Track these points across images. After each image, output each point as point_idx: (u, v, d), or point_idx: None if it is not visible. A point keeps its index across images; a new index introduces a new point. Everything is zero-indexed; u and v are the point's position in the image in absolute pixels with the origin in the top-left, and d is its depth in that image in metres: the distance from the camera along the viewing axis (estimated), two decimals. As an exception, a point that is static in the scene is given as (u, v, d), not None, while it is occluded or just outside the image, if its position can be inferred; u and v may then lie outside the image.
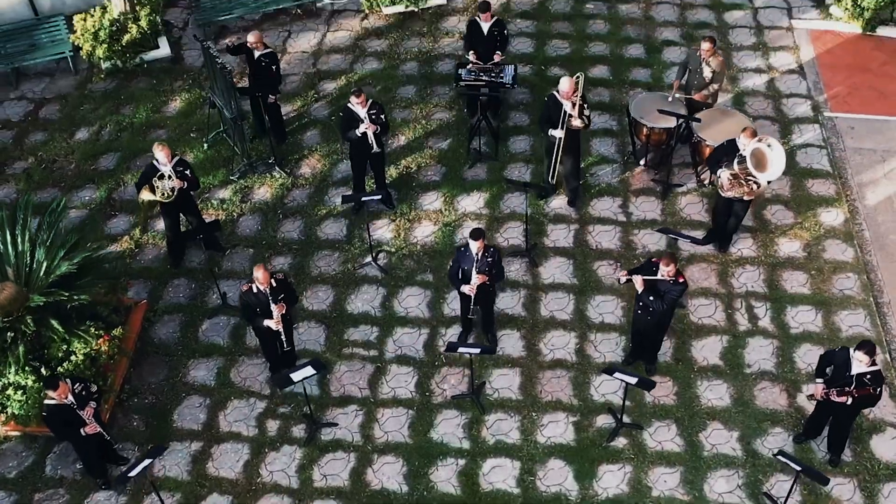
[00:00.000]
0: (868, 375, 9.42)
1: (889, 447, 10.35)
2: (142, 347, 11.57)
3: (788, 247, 12.31)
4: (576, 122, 11.86)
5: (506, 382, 11.06)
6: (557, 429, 10.62)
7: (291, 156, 13.76)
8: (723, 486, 10.09)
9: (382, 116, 12.10)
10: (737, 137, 11.35)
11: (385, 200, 12.77)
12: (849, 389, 9.45)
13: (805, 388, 10.82)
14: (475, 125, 13.36)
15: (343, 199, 12.41)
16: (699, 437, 10.50)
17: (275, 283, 10.28)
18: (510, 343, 11.42)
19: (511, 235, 12.55)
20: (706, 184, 13.00)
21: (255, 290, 10.25)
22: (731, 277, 11.99)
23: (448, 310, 11.77)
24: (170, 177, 11.46)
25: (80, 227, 11.32)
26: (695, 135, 12.62)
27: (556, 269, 12.17)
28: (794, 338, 11.36)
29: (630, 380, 9.93)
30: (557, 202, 12.94)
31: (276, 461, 10.49)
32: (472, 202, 13.01)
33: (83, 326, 10.48)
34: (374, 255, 12.32)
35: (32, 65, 15.29)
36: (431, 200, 13.06)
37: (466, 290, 10.59)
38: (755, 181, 11.26)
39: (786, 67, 14.89)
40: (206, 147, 13.83)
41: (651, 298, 10.16)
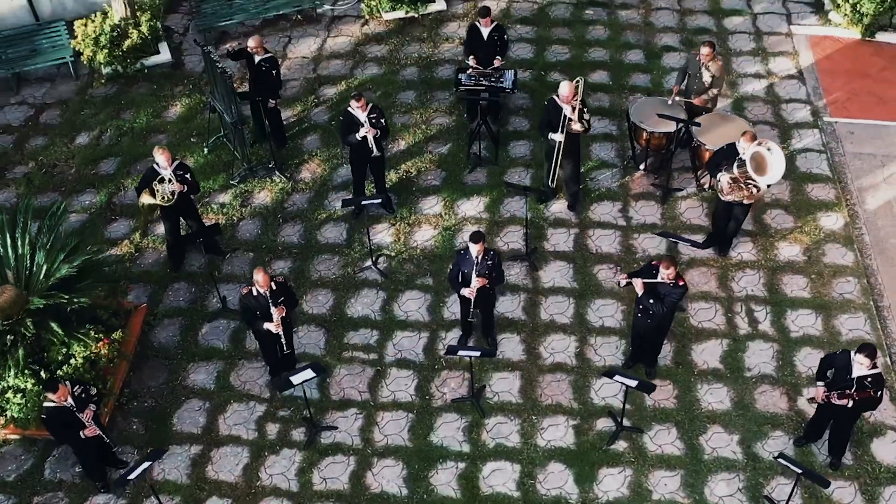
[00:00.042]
0: (869, 378, 9.41)
1: (890, 450, 10.33)
2: (142, 351, 11.55)
3: (788, 251, 12.31)
4: (576, 126, 11.86)
5: (506, 386, 11.05)
6: (557, 432, 10.61)
7: (291, 160, 13.77)
8: (723, 490, 10.08)
9: (382, 120, 12.11)
10: (736, 141, 11.36)
11: (385, 204, 12.78)
12: (849, 392, 9.43)
13: (805, 392, 10.81)
14: (475, 130, 13.37)
15: (343, 203, 12.43)
16: (699, 441, 10.48)
17: (275, 286, 10.27)
18: (510, 347, 11.41)
19: (511, 239, 12.55)
20: (706, 188, 13.01)
21: (255, 293, 10.25)
22: (731, 281, 11.99)
23: (448, 313, 11.77)
24: (170, 180, 11.46)
25: (81, 231, 11.33)
26: (694, 139, 12.63)
27: (556, 273, 12.16)
28: (795, 341, 11.35)
29: (630, 383, 9.91)
30: (557, 206, 12.95)
31: (276, 464, 10.47)
32: (472, 206, 13.01)
33: (83, 329, 10.48)
34: (374, 259, 12.32)
35: (33, 70, 15.31)
36: (431, 205, 13.07)
37: (466, 294, 10.59)
38: (755, 185, 11.27)
39: (785, 73, 14.90)
40: (207, 152, 13.84)
41: (651, 301, 10.15)
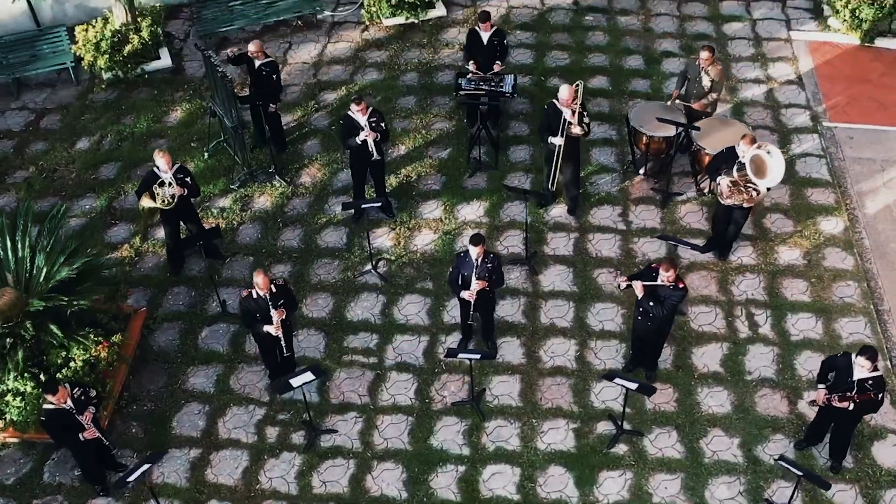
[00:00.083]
0: (870, 381, 9.39)
1: (891, 454, 10.32)
2: (141, 355, 11.54)
3: (788, 255, 12.31)
4: (575, 130, 11.88)
5: (506, 389, 11.03)
6: (558, 435, 10.58)
7: (292, 165, 13.77)
8: (724, 493, 10.05)
9: (382, 124, 12.11)
10: (736, 145, 11.37)
11: (385, 208, 12.78)
12: (850, 395, 9.42)
13: (806, 395, 10.80)
14: (475, 135, 13.38)
15: (343, 207, 12.43)
16: (700, 444, 10.46)
17: (274, 289, 10.26)
18: (510, 350, 11.40)
19: (511, 244, 12.55)
20: (706, 192, 13.01)
21: (255, 296, 10.24)
22: (731, 285, 11.98)
23: (448, 317, 11.75)
24: (170, 184, 11.46)
25: (81, 234, 11.29)
26: (694, 143, 12.65)
27: (556, 277, 12.16)
28: (795, 345, 11.34)
29: (630, 385, 9.89)
30: (557, 211, 12.95)
31: (276, 468, 10.44)
32: (472, 211, 13.01)
33: (82, 332, 10.46)
34: (374, 263, 12.31)
35: (34, 75, 15.30)
36: (431, 209, 13.07)
37: (466, 296, 10.58)
38: (755, 188, 11.27)
39: (784, 78, 14.93)
40: (207, 156, 13.85)
41: (651, 304, 10.13)
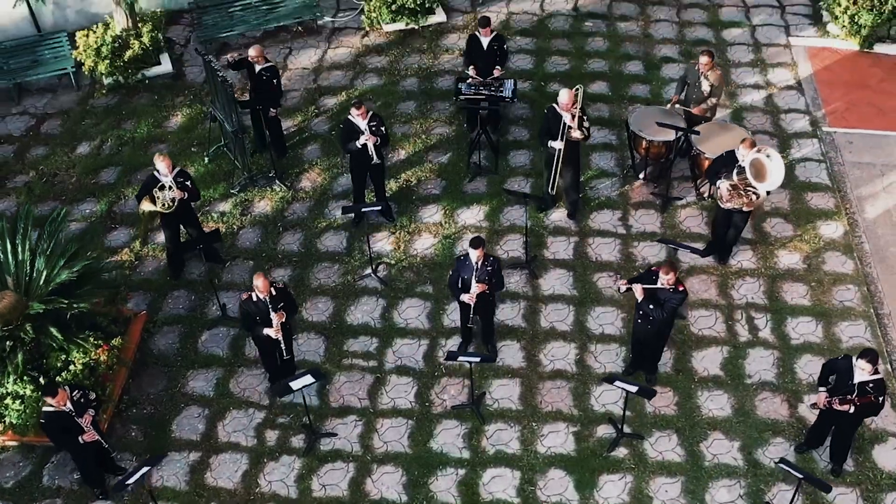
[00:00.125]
0: (870, 384, 9.38)
1: (891, 457, 10.30)
2: (141, 358, 11.53)
3: (788, 259, 12.31)
4: (575, 134, 11.89)
5: (506, 393, 11.02)
6: (558, 439, 10.57)
7: (292, 170, 13.79)
8: (724, 496, 10.03)
9: (382, 128, 12.13)
10: (736, 148, 11.38)
11: (385, 213, 12.79)
12: (851, 398, 9.41)
13: (806, 399, 10.79)
14: (475, 139, 13.40)
15: (343, 210, 12.45)
16: (700, 447, 10.44)
17: (274, 292, 10.26)
18: (510, 354, 11.39)
19: (511, 248, 12.55)
20: (705, 197, 13.03)
21: (255, 299, 10.24)
22: (731, 289, 11.98)
23: (448, 321, 11.75)
24: (170, 187, 11.47)
25: (81, 237, 11.31)
26: (694, 148, 12.66)
27: (556, 281, 12.16)
28: (795, 348, 11.33)
29: (630, 388, 9.87)
30: (557, 215, 12.96)
31: (275, 471, 10.43)
32: (472, 215, 13.02)
33: (82, 335, 10.45)
34: (374, 267, 12.31)
35: (35, 80, 15.35)
36: (431, 213, 13.07)
37: (466, 299, 10.57)
38: (754, 192, 11.28)
39: (784, 83, 14.96)
40: (207, 161, 13.86)
41: (651, 307, 10.13)
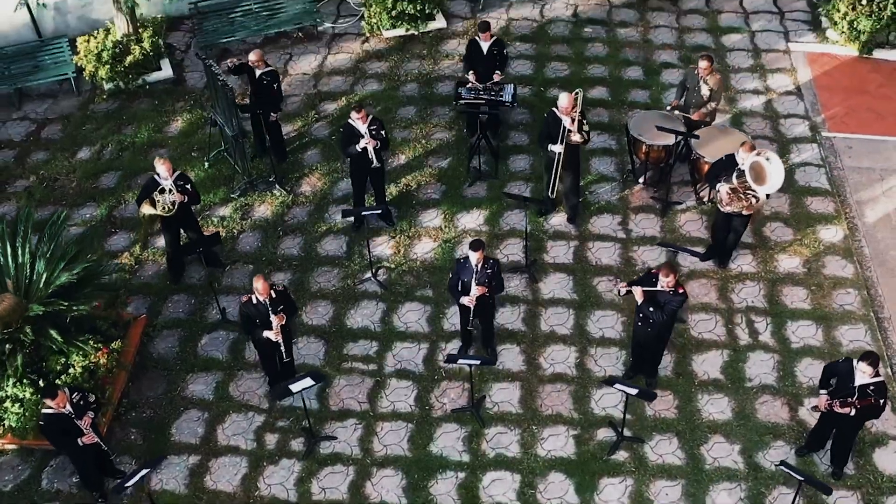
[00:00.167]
0: (871, 386, 9.37)
1: (892, 460, 10.28)
2: (140, 362, 11.52)
3: (788, 263, 12.31)
4: (575, 138, 11.91)
5: (506, 396, 11.00)
6: (558, 442, 10.55)
7: (292, 174, 13.79)
8: (725, 499, 10.00)
9: (382, 132, 12.15)
10: (735, 152, 11.39)
11: (385, 217, 12.80)
12: (852, 400, 9.39)
13: (806, 402, 10.77)
14: (475, 144, 13.41)
15: (343, 214, 12.45)
16: (700, 451, 10.42)
17: (274, 294, 10.26)
18: (510, 357, 11.38)
19: (511, 252, 12.55)
20: (705, 201, 13.03)
21: (255, 301, 10.23)
22: (731, 293, 11.98)
23: (448, 325, 11.74)
24: (170, 191, 11.47)
25: (81, 240, 11.31)
26: (693, 152, 12.68)
27: (556, 285, 12.15)
28: (795, 352, 11.32)
29: (631, 391, 9.86)
30: (557, 219, 12.96)
31: (275, 475, 10.40)
32: (472, 219, 13.03)
33: (82, 338, 10.44)
34: (374, 271, 12.31)
35: (35, 86, 15.35)
36: (431, 217, 13.08)
37: (466, 302, 10.57)
38: (754, 195, 11.29)
39: (783, 89, 14.98)
40: (208, 165, 13.87)
41: (651, 310, 10.13)
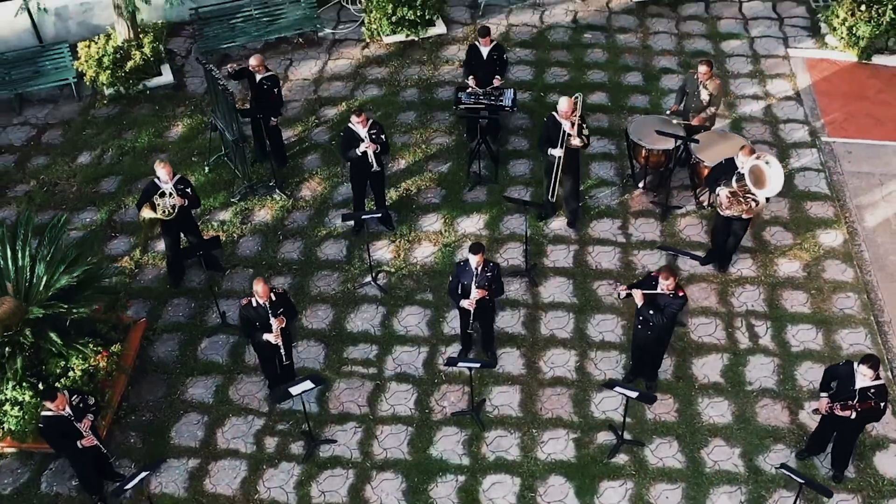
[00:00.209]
0: (872, 389, 9.37)
1: (893, 463, 10.27)
2: (140, 365, 11.51)
3: (788, 267, 12.31)
4: (575, 142, 11.93)
5: (506, 399, 10.99)
6: (558, 445, 10.54)
7: (292, 179, 13.81)
8: (725, 503, 9.98)
9: (382, 136, 12.16)
10: (735, 156, 11.41)
11: (385, 221, 12.81)
12: (852, 403, 9.39)
13: (807, 406, 10.77)
14: (475, 149, 13.43)
15: (343, 217, 12.46)
16: (701, 454, 10.41)
17: (274, 297, 10.25)
18: (510, 361, 11.37)
19: (511, 256, 12.55)
20: (705, 205, 13.05)
21: (255, 304, 10.23)
22: (731, 297, 11.98)
23: (448, 328, 11.74)
24: (170, 194, 11.48)
25: (81, 243, 11.31)
26: (693, 156, 12.69)
27: (556, 289, 12.15)
28: (795, 356, 11.32)
29: (631, 394, 9.86)
30: (557, 223, 12.97)
31: (274, 478, 10.38)
32: (472, 223, 13.03)
33: (81, 341, 10.43)
34: (374, 275, 12.32)
35: (36, 91, 15.40)
36: (431, 222, 13.09)
37: (466, 305, 10.57)
38: (754, 198, 11.30)
39: (783, 94, 15.01)
40: (208, 170, 13.89)
41: (651, 312, 10.13)
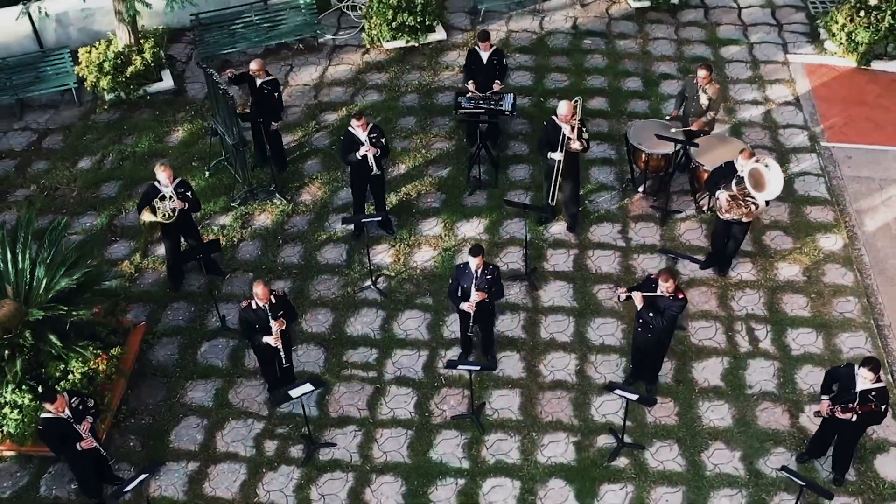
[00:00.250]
0: (873, 392, 9.36)
1: (893, 467, 10.24)
2: (140, 369, 11.49)
3: (788, 271, 12.31)
4: (574, 145, 11.94)
5: (506, 403, 10.98)
6: (558, 448, 10.51)
7: (292, 183, 13.82)
8: (726, 506, 10.00)
9: (382, 140, 12.18)
10: (734, 159, 11.42)
11: (385, 225, 12.81)
12: (853, 406, 9.37)
13: (807, 409, 10.75)
14: (475, 154, 13.44)
15: (343, 221, 12.46)
16: (701, 457, 10.39)
17: (274, 300, 10.25)
18: (510, 364, 11.36)
19: (511, 260, 12.55)
20: (705, 210, 13.05)
21: (255, 307, 10.23)
22: (731, 300, 11.97)
23: (448, 332, 11.73)
24: (171, 198, 11.49)
25: (81, 246, 11.31)
26: (693, 160, 12.70)
27: (556, 293, 12.15)
28: (796, 359, 11.30)
29: (631, 396, 9.84)
30: (557, 228, 12.98)
31: (274, 481, 10.36)
32: (472, 228, 13.04)
33: (81, 344, 10.42)
34: (374, 279, 12.31)
35: (37, 96, 15.42)
36: (431, 226, 13.09)
37: (466, 307, 10.56)
38: (753, 202, 11.31)
39: (782, 99, 15.03)
40: (208, 175, 13.90)
41: (651, 315, 10.12)
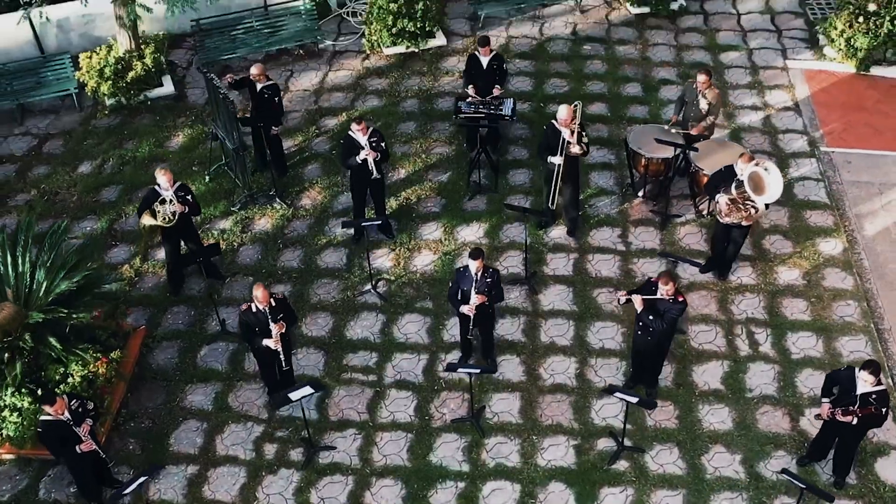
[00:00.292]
0: (873, 395, 9.35)
1: (894, 470, 10.22)
2: (139, 373, 11.49)
3: (788, 275, 12.32)
4: (574, 150, 11.96)
5: (506, 406, 10.96)
6: (558, 452, 10.50)
7: (292, 188, 13.83)
8: (726, 509, 9.98)
9: (382, 144, 12.20)
10: (734, 163, 11.44)
11: (385, 229, 12.82)
12: (853, 409, 9.37)
13: (807, 412, 10.74)
14: (475, 158, 13.46)
15: (343, 224, 12.48)
16: (701, 460, 10.37)
17: (274, 303, 10.26)
18: (510, 368, 11.35)
19: (511, 264, 12.56)
20: (705, 214, 13.06)
21: (255, 309, 10.23)
22: (731, 304, 11.97)
23: (448, 336, 11.72)
24: (171, 201, 11.50)
25: (81, 249, 11.31)
26: (692, 165, 12.72)
27: (556, 297, 12.15)
28: (796, 363, 11.30)
29: (631, 399, 9.83)
30: (557, 232, 12.98)
31: (273, 484, 10.34)
32: (472, 232, 13.05)
33: (81, 347, 10.41)
34: (374, 283, 12.31)
35: (38, 101, 15.45)
36: (431, 230, 13.10)
37: (466, 311, 10.56)
38: (753, 205, 11.32)
39: (781, 105, 15.06)
40: (208, 179, 13.91)
41: (651, 318, 10.11)
